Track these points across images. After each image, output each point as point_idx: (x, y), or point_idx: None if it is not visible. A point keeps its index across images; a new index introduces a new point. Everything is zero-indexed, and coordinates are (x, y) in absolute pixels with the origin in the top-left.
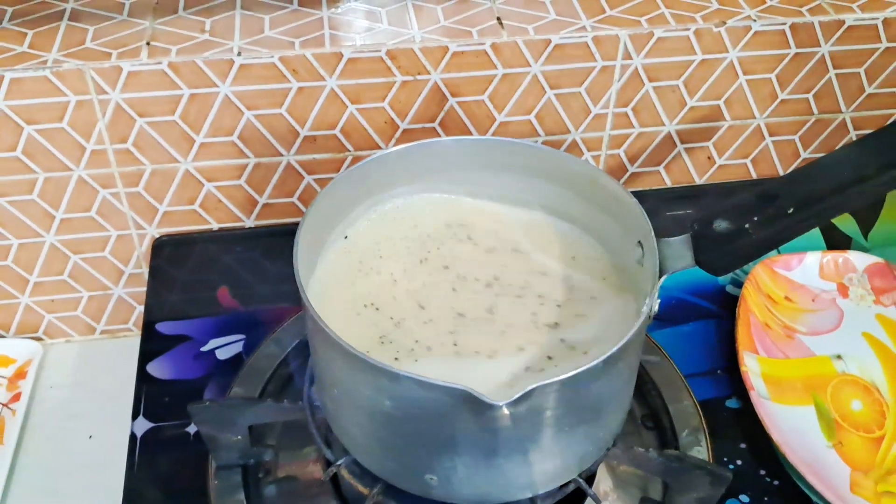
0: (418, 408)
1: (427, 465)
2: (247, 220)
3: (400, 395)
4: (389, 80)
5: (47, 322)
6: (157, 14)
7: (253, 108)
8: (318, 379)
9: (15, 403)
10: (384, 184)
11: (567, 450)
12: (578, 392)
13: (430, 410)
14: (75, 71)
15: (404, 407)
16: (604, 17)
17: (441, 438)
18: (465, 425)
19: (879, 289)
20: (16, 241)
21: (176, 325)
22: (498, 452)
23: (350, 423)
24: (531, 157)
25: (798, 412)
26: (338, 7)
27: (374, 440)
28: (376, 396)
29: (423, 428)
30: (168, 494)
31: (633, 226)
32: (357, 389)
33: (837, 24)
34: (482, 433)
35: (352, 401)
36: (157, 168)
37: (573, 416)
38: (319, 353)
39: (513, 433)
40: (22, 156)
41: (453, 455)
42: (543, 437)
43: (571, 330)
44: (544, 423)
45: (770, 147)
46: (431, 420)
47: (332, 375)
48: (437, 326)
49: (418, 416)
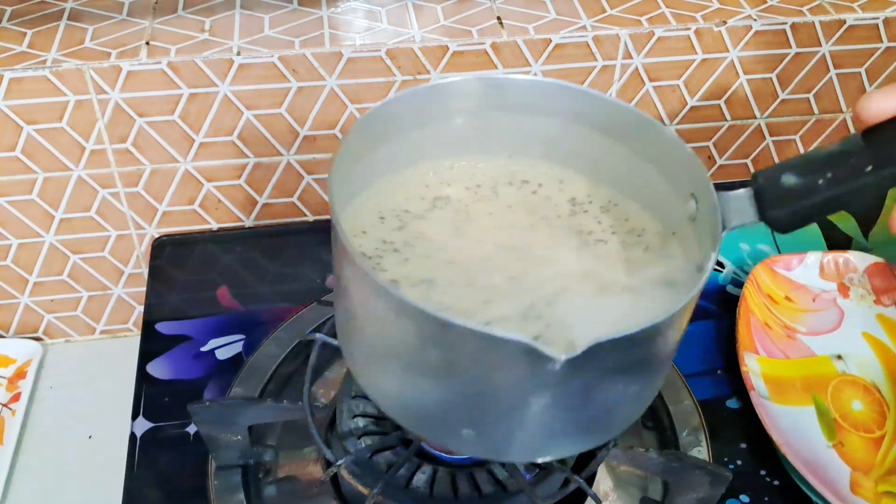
0: (469, 359)
1: (466, 419)
2: (246, 219)
3: (449, 344)
4: (389, 80)
5: (47, 322)
6: (156, 14)
7: (252, 107)
8: (346, 326)
9: (15, 403)
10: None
11: (615, 408)
12: (640, 348)
13: (482, 362)
14: (75, 71)
15: (452, 358)
16: (604, 17)
17: (488, 393)
18: (519, 379)
19: (880, 289)
20: (15, 241)
21: (176, 325)
22: (548, 408)
23: (383, 374)
24: (574, 100)
25: (798, 412)
26: (337, 6)
27: (409, 394)
28: (420, 345)
29: (470, 382)
30: (168, 494)
31: (686, 178)
32: (397, 336)
33: (838, 24)
34: (535, 388)
35: (388, 348)
36: (157, 168)
37: (630, 372)
38: (353, 295)
39: (568, 388)
40: (21, 156)
41: (498, 410)
42: (598, 394)
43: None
44: (602, 378)
45: (770, 147)
46: (481, 373)
47: (367, 322)
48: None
49: (466, 368)
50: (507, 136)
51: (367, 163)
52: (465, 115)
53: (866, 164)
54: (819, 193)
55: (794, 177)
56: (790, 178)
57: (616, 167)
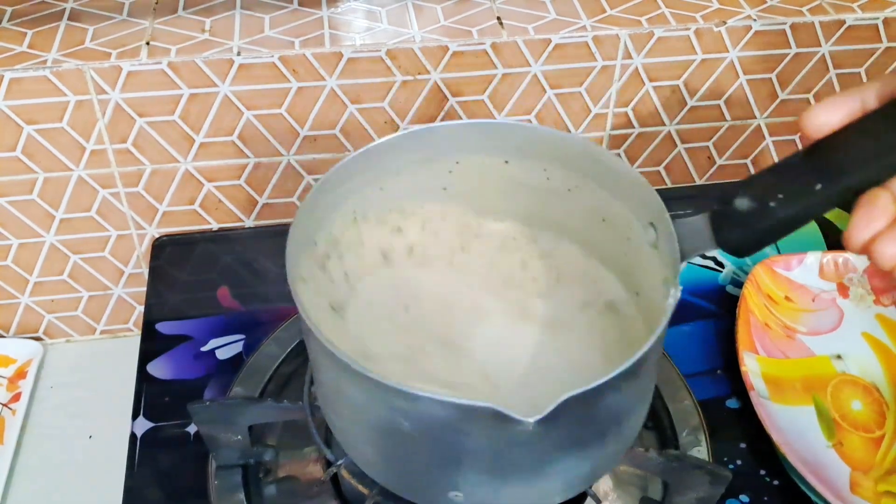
0: (440, 427)
1: (452, 482)
2: (247, 220)
3: (419, 415)
4: (389, 80)
5: (47, 322)
6: (156, 14)
7: (253, 107)
8: (324, 397)
9: (15, 403)
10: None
11: (597, 453)
12: (610, 397)
13: (453, 428)
14: (75, 71)
15: (424, 427)
16: (604, 17)
17: (465, 456)
18: (492, 441)
19: (879, 289)
20: (16, 241)
21: (176, 325)
22: (529, 465)
23: (366, 445)
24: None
25: (798, 412)
26: (337, 7)
27: (394, 462)
28: (393, 417)
29: (446, 446)
30: (168, 494)
31: (643, 207)
32: (371, 410)
33: (838, 24)
34: (510, 447)
35: (366, 422)
36: (157, 168)
37: (605, 419)
38: (323, 371)
39: (544, 444)
40: (22, 156)
41: (480, 471)
42: (574, 445)
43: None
44: (575, 432)
45: (770, 147)
46: (455, 438)
47: (341, 396)
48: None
49: (439, 436)
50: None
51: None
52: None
53: (815, 182)
54: (772, 215)
55: (746, 200)
56: (743, 201)
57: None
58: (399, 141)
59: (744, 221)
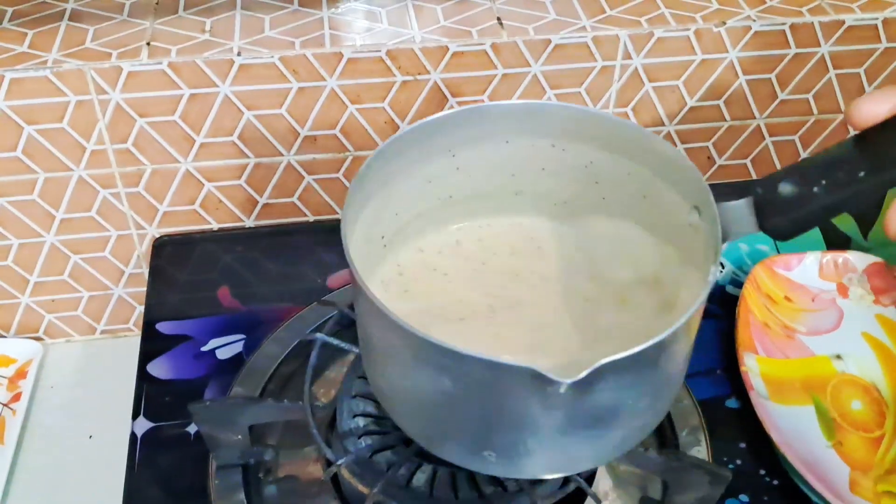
0: (481, 386)
1: (486, 442)
2: (247, 220)
3: (462, 374)
4: (389, 80)
5: (47, 322)
6: (157, 14)
7: (253, 108)
8: (371, 360)
9: (15, 403)
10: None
11: (631, 422)
12: (645, 367)
13: (494, 389)
14: (75, 71)
15: (466, 386)
16: (604, 18)
17: (502, 416)
18: (529, 403)
19: (879, 289)
20: (16, 241)
21: (176, 325)
22: (563, 428)
23: (405, 403)
24: (577, 120)
25: (797, 412)
26: (338, 7)
27: (431, 420)
28: (435, 376)
29: (484, 406)
30: (168, 494)
31: (690, 190)
32: (415, 368)
33: (837, 25)
34: (546, 410)
35: (408, 379)
36: (158, 168)
37: (640, 389)
38: (374, 333)
39: (579, 409)
40: (22, 156)
41: (515, 432)
42: (609, 412)
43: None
44: (611, 398)
45: (770, 147)
46: (494, 399)
47: (387, 355)
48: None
49: (480, 395)
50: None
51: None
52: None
53: (860, 170)
54: (816, 200)
55: (790, 185)
56: (787, 186)
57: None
58: (451, 117)
59: (787, 206)
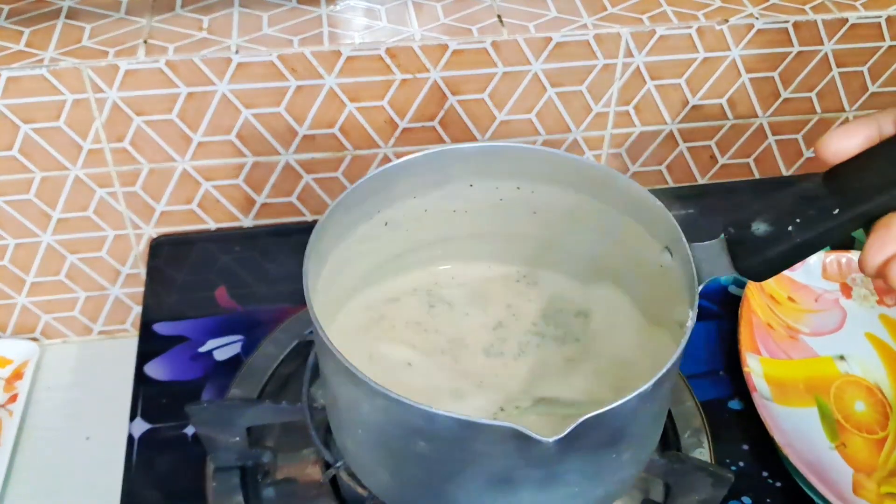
0: (457, 448)
1: (462, 501)
2: (245, 219)
3: (436, 434)
4: (389, 79)
5: (44, 323)
6: (154, 12)
7: (251, 106)
8: (337, 419)
9: (12, 405)
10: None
11: (611, 476)
12: (627, 419)
13: (470, 450)
14: (72, 69)
15: (441, 447)
16: (605, 15)
17: (480, 477)
18: (509, 463)
19: (882, 289)
20: (12, 241)
21: (173, 326)
22: (543, 486)
23: (378, 465)
24: (537, 161)
25: (801, 413)
26: (336, 5)
27: (406, 482)
28: (409, 437)
29: (461, 467)
30: (166, 496)
31: (659, 230)
32: (386, 430)
33: (840, 23)
34: (527, 469)
35: (380, 442)
36: (155, 167)
37: (621, 441)
38: (340, 392)
39: (560, 467)
40: (18, 155)
41: (494, 492)
42: (591, 467)
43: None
44: (592, 453)
45: (773, 146)
46: (471, 460)
47: (359, 415)
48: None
49: (456, 457)
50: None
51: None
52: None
53: (833, 207)
54: (789, 240)
55: (763, 225)
56: (760, 226)
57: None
58: (412, 163)
59: (761, 246)
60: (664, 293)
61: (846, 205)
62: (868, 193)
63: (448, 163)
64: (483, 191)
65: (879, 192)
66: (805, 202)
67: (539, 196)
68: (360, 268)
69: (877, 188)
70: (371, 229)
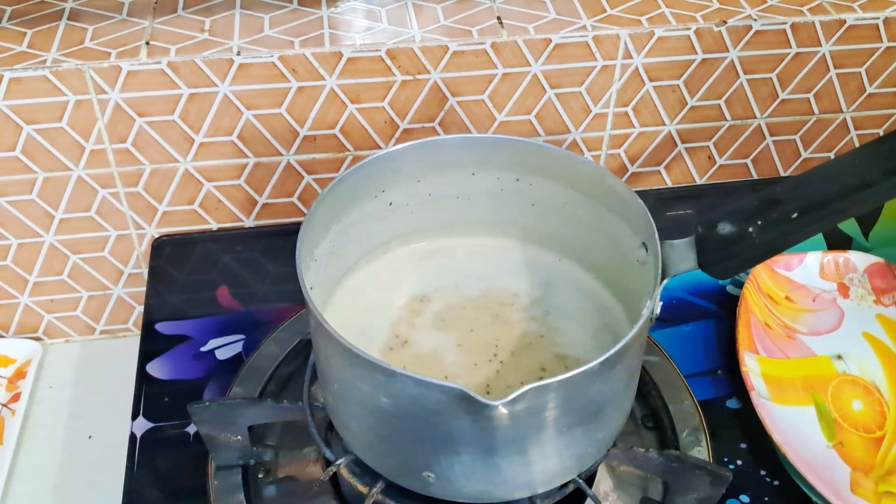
0: (415, 405)
1: (425, 462)
2: (246, 219)
3: (396, 392)
4: (389, 80)
5: (47, 322)
6: (156, 13)
7: (252, 107)
8: (320, 374)
9: (14, 403)
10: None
11: (565, 450)
12: (575, 394)
13: (427, 409)
14: (75, 70)
15: (401, 404)
16: (604, 17)
17: (437, 437)
18: (461, 424)
19: (880, 289)
20: (15, 241)
21: (176, 325)
22: (495, 452)
23: (350, 419)
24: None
25: (798, 412)
26: (337, 6)
27: (372, 437)
28: (373, 393)
29: (420, 426)
30: (168, 494)
31: (639, 227)
32: (355, 385)
33: (838, 24)
34: (478, 432)
35: (351, 397)
36: (157, 168)
37: (571, 417)
38: (320, 348)
39: (509, 433)
40: (21, 156)
41: (450, 453)
42: (541, 438)
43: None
44: (541, 423)
45: (771, 147)
46: (427, 418)
47: (332, 371)
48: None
49: (415, 414)
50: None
51: None
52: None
53: (792, 211)
54: (750, 240)
55: (728, 225)
56: (725, 226)
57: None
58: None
59: (724, 246)
60: (644, 287)
61: (805, 209)
62: (826, 200)
63: (451, 150)
64: (484, 180)
65: (837, 199)
66: (768, 205)
67: (537, 189)
68: (361, 245)
69: (835, 195)
70: (376, 209)
